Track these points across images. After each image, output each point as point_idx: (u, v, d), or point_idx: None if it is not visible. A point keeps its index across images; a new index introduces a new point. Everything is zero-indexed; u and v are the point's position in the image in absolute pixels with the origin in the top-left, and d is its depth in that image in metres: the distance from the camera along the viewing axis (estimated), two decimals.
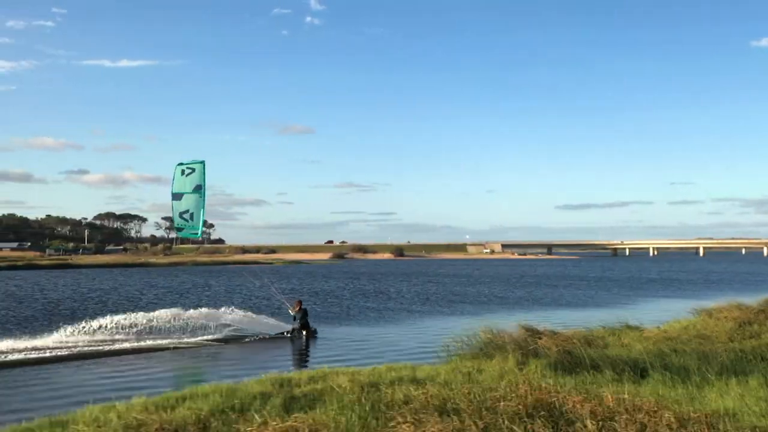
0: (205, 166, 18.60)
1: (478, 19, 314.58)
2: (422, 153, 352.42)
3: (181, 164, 18.73)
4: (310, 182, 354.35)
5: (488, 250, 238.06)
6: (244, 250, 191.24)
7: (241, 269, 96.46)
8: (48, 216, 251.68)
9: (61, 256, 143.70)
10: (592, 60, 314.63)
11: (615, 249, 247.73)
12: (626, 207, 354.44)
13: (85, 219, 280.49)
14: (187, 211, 18.02)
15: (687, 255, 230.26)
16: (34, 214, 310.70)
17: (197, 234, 17.65)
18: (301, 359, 19.43)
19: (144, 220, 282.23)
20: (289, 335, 23.02)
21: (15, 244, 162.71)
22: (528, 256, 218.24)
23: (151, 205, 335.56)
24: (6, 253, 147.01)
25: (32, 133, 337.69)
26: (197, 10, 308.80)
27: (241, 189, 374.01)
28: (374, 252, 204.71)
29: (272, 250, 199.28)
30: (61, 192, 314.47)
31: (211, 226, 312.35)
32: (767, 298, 24.75)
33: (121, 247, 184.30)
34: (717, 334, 15.97)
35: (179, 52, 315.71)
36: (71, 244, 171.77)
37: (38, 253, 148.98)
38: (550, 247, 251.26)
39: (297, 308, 23.55)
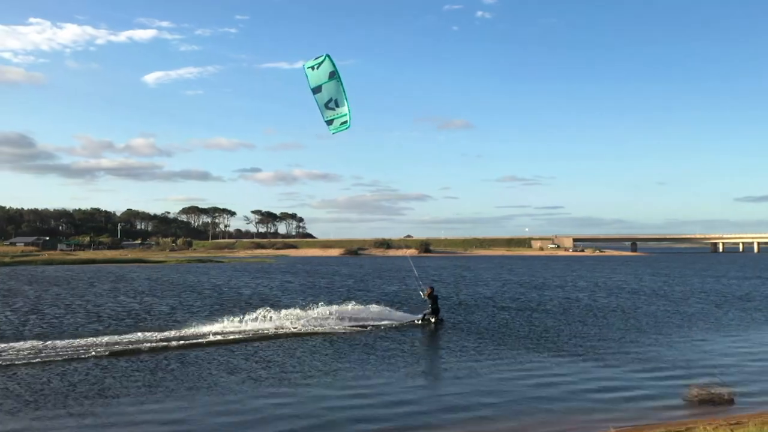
0: (332, 58, 17.83)
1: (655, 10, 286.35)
2: (588, 145, 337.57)
3: (307, 63, 18.19)
4: (474, 177, 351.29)
5: (555, 245, 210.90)
6: (258, 245, 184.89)
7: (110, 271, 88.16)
8: (128, 210, 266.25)
9: (38, 252, 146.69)
10: None
11: (714, 244, 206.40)
12: None
13: (168, 213, 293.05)
14: (331, 99, 17.31)
15: None
16: None
17: (347, 123, 16.93)
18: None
19: (232, 213, 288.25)
20: (419, 322, 24.82)
21: (32, 239, 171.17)
22: (584, 252, 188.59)
23: (320, 201, 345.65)
24: (11, 248, 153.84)
25: (209, 134, 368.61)
26: (370, 10, 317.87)
27: (405, 184, 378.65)
28: (401, 247, 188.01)
29: (290, 245, 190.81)
30: (236, 189, 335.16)
31: (301, 220, 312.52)
32: None
33: (138, 242, 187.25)
34: None
35: (353, 51, 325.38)
36: (87, 239, 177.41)
37: (35, 248, 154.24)
38: (634, 242, 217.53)
39: (428, 293, 25.41)
